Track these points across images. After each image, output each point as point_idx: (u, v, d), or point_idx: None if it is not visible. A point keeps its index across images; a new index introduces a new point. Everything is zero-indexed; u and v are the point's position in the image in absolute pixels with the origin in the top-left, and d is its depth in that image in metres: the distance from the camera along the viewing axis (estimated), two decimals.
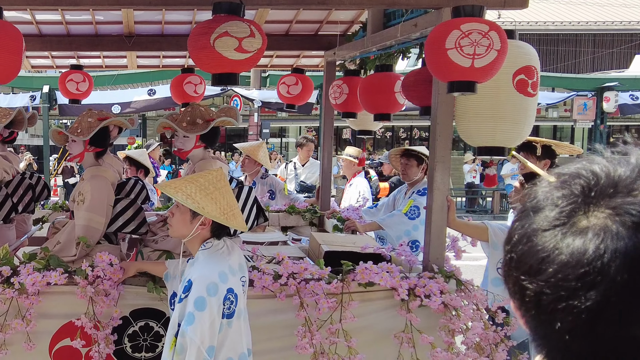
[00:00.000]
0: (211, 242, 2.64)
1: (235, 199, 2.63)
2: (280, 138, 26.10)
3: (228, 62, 2.85)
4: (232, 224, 2.54)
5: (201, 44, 2.85)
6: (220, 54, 2.81)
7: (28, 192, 4.39)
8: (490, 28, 2.68)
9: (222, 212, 2.50)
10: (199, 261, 2.62)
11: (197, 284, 2.49)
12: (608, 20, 25.45)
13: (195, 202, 2.49)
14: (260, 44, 2.90)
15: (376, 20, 4.26)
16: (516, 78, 3.02)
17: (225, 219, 2.51)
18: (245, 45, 2.83)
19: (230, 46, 2.81)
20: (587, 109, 16.61)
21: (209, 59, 2.85)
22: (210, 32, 2.82)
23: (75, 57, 5.84)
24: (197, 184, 2.55)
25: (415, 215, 4.72)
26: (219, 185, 2.57)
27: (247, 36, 2.83)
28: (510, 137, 3.09)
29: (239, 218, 2.59)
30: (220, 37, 2.80)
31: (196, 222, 2.58)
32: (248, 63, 2.89)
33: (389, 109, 4.17)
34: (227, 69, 2.91)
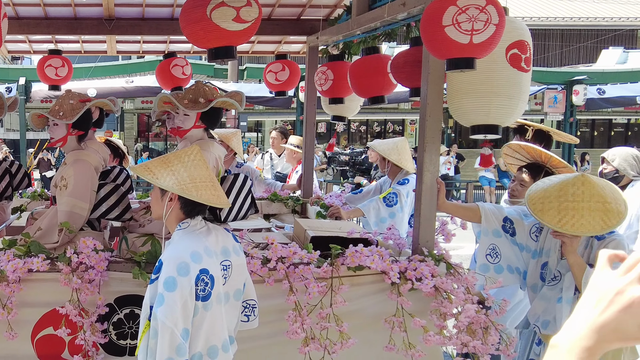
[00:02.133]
0: (187, 222, 2.55)
1: (207, 174, 2.53)
2: (256, 132, 25.96)
3: (226, 34, 2.77)
4: (192, 195, 2.43)
5: (196, 17, 2.75)
6: (217, 26, 2.73)
7: (4, 177, 4.26)
8: (487, 2, 2.63)
9: (178, 183, 2.43)
10: (173, 241, 2.54)
11: (167, 263, 2.39)
12: (575, 16, 25.82)
13: (151, 174, 2.46)
14: (257, 13, 2.83)
15: (361, 2, 4.20)
16: (509, 52, 2.98)
17: (180, 190, 2.42)
18: (243, 15, 2.75)
19: (229, 16, 2.73)
20: (558, 102, 16.80)
21: (205, 32, 2.76)
22: (206, 3, 2.72)
23: (53, 41, 5.70)
24: (163, 160, 2.53)
25: (393, 203, 4.71)
26: (185, 159, 2.51)
27: (244, 5, 2.75)
28: (505, 113, 3.04)
29: (204, 191, 2.47)
30: (217, 8, 2.72)
31: (165, 198, 2.53)
32: (246, 34, 2.81)
33: (382, 91, 4.12)
34: (225, 42, 2.82)
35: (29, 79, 14.06)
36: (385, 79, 4.08)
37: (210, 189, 2.50)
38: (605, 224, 3.02)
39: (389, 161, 4.93)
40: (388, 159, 4.91)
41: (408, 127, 24.58)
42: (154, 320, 2.35)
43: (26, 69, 14.83)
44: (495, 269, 3.47)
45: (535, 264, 3.43)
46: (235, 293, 2.66)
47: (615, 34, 25.57)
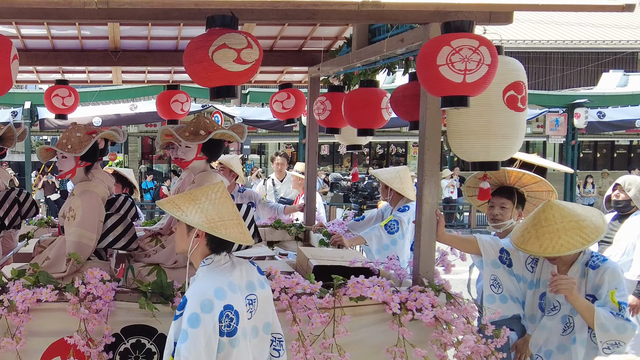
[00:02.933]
0: (212, 258, 2.58)
1: (233, 212, 2.57)
2: (259, 155, 26.11)
3: (227, 75, 2.85)
4: (221, 233, 2.47)
5: (199, 58, 2.84)
6: (219, 67, 2.81)
7: (14, 207, 4.34)
8: (480, 43, 2.72)
9: (207, 221, 2.46)
10: (197, 277, 2.58)
11: (191, 300, 2.43)
12: (576, 39, 26.02)
13: (180, 211, 2.48)
14: (257, 55, 2.92)
15: (361, 35, 4.30)
16: (506, 94, 3.07)
17: (210, 228, 2.45)
18: (244, 57, 2.84)
19: (230, 58, 2.81)
20: (559, 125, 16.91)
21: (208, 72, 2.85)
22: (208, 45, 2.81)
23: (60, 71, 5.81)
24: (190, 195, 2.56)
25: (394, 230, 4.79)
26: (212, 196, 2.54)
27: (245, 47, 2.84)
28: (503, 151, 3.14)
29: (232, 229, 2.51)
30: (218, 50, 2.80)
31: (192, 234, 2.55)
32: (247, 74, 2.90)
33: (373, 124, 4.19)
34: (226, 82, 2.91)
35: (34, 103, 14.21)
36: (377, 112, 4.15)
37: (237, 227, 2.54)
38: (585, 240, 3.19)
39: (391, 189, 5.02)
40: (390, 187, 5.00)
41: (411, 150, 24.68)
42: (177, 356, 2.40)
43: (31, 93, 15.00)
44: (501, 299, 3.58)
45: (532, 294, 3.50)
46: (264, 326, 2.68)
47: (615, 57, 25.75)
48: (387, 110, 4.13)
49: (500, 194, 3.94)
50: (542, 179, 3.89)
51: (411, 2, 2.83)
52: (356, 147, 5.05)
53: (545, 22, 25.97)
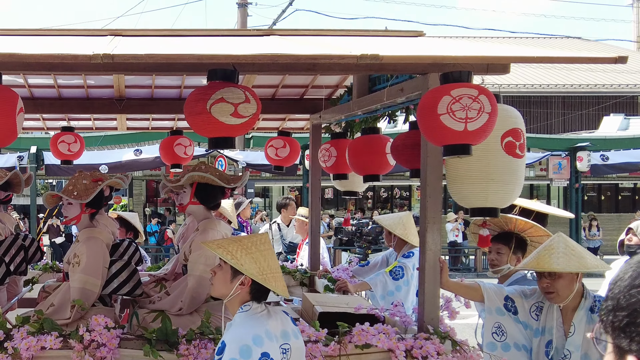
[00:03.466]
0: (250, 305, 2.62)
1: (278, 264, 2.65)
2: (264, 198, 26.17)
3: (224, 127, 2.92)
4: (271, 285, 2.55)
5: (198, 110, 2.92)
6: (217, 119, 2.89)
7: (20, 253, 4.38)
8: (479, 92, 2.78)
9: (260, 272, 2.53)
10: (235, 323, 2.61)
11: (230, 346, 2.48)
12: (576, 83, 26.27)
13: (235, 259, 2.53)
14: (255, 109, 2.98)
15: (362, 84, 4.38)
16: (504, 140, 3.12)
17: (263, 279, 2.52)
18: (240, 111, 2.91)
19: (227, 112, 2.89)
20: (562, 168, 16.98)
21: (206, 123, 2.92)
22: (207, 98, 2.89)
23: (66, 119, 5.90)
24: (240, 243, 2.61)
25: (399, 276, 4.79)
26: (261, 247, 2.61)
27: (242, 102, 2.91)
28: (502, 198, 3.17)
29: (280, 282, 2.60)
30: (216, 103, 2.88)
31: (236, 281, 2.60)
32: (244, 127, 2.97)
33: (379, 170, 4.25)
34: (224, 133, 2.98)
35: (40, 147, 14.35)
36: (382, 158, 4.21)
37: (281, 280, 2.63)
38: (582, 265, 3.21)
39: (394, 235, 5.04)
40: (394, 233, 5.02)
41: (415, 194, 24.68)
42: None
43: (37, 138, 15.16)
44: (503, 347, 3.54)
45: (538, 342, 3.48)
46: None
47: (615, 101, 25.95)
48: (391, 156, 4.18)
49: (497, 239, 3.99)
50: (534, 224, 3.93)
51: (408, 55, 2.89)
52: (353, 194, 5.09)
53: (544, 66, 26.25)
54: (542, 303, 3.46)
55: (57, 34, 4.05)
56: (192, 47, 3.23)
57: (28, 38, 3.78)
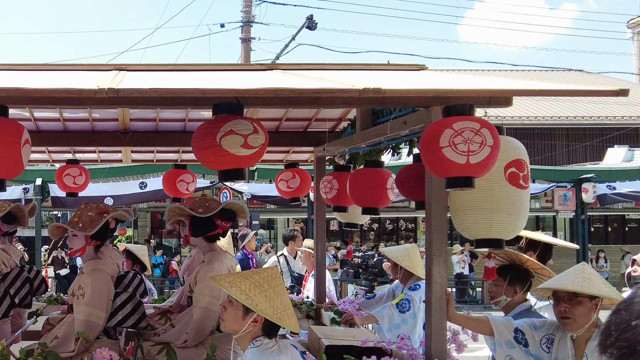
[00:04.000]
0: (261, 340, 2.60)
1: (289, 300, 2.64)
2: (269, 230, 26.15)
3: (235, 159, 2.94)
4: (285, 324, 2.53)
5: (207, 144, 2.94)
6: (227, 151, 2.91)
7: (25, 285, 4.40)
8: (481, 125, 2.79)
9: (275, 311, 2.51)
10: (246, 359, 2.59)
11: None
12: (579, 115, 26.34)
13: (249, 299, 2.49)
14: (264, 140, 3.01)
15: (365, 117, 4.40)
16: (507, 171, 3.11)
17: (278, 319, 2.50)
18: (250, 142, 2.93)
19: (237, 143, 2.91)
20: (568, 200, 16.93)
21: (216, 156, 2.94)
22: (216, 131, 2.92)
23: (71, 151, 5.94)
24: (252, 280, 2.57)
25: (405, 309, 4.75)
26: (273, 283, 2.59)
27: (251, 133, 2.94)
28: (506, 229, 3.15)
29: (292, 319, 2.58)
30: (226, 136, 2.91)
31: (249, 318, 2.58)
32: (254, 158, 3.00)
33: (377, 203, 4.24)
34: (234, 165, 3.00)
35: (45, 179, 14.42)
36: (382, 192, 4.21)
37: (293, 316, 2.61)
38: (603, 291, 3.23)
39: (401, 267, 5.00)
40: (400, 266, 4.99)
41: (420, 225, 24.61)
42: None
43: (43, 170, 15.24)
44: None
45: None
46: None
47: (618, 132, 25.97)
48: (392, 191, 4.19)
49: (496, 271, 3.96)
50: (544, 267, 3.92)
51: (411, 89, 2.91)
52: (353, 226, 5.09)
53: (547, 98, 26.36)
54: (552, 335, 3.41)
55: (62, 68, 4.10)
56: (196, 81, 3.26)
57: (33, 73, 3.84)
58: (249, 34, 20.68)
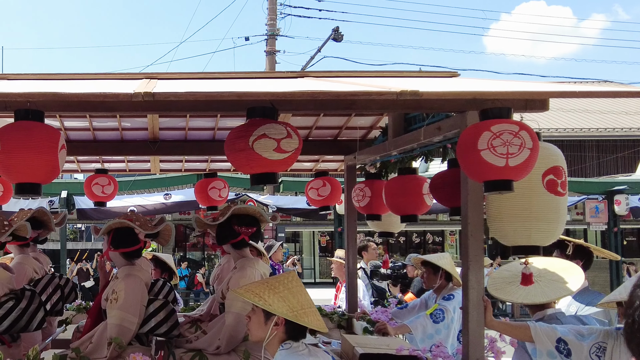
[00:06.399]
0: (290, 343, 2.60)
1: (310, 300, 2.63)
2: (294, 242, 26.16)
3: (267, 163, 2.93)
4: (304, 321, 2.52)
5: (239, 147, 2.93)
6: (259, 155, 2.90)
7: (56, 292, 4.41)
8: (520, 128, 2.74)
9: (291, 310, 2.51)
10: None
11: None
12: (609, 127, 26.01)
13: (262, 300, 2.52)
14: (297, 144, 2.99)
15: (397, 124, 4.36)
16: (546, 178, 3.07)
17: (294, 317, 2.50)
18: (283, 146, 2.92)
19: (269, 147, 2.90)
20: (599, 212, 16.64)
21: (248, 160, 2.93)
22: (249, 135, 2.91)
23: (100, 161, 5.98)
24: (267, 285, 2.61)
25: (439, 319, 4.67)
26: (289, 285, 2.60)
27: (284, 137, 2.92)
28: (544, 236, 3.11)
29: (313, 317, 2.57)
30: (259, 139, 2.90)
31: (270, 322, 2.59)
32: (286, 162, 2.98)
33: (416, 210, 4.20)
34: (267, 169, 2.99)
35: (70, 192, 14.54)
36: (419, 199, 4.18)
37: (315, 314, 2.60)
38: None
39: (440, 275, 4.91)
40: (442, 270, 4.89)
41: (448, 238, 24.45)
42: None
43: (68, 182, 15.40)
44: None
45: None
46: None
47: None
48: (428, 196, 4.14)
49: None
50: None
51: (449, 91, 2.86)
52: (389, 235, 5.02)
53: (577, 110, 26.11)
54: (604, 343, 3.29)
55: (93, 77, 4.12)
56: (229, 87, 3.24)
57: (65, 82, 3.86)
58: (274, 46, 20.77)
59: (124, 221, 3.85)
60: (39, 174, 3.01)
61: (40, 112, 3.05)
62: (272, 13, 20.80)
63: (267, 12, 20.90)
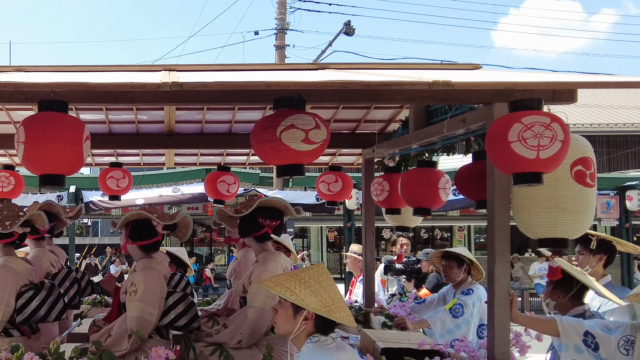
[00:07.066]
0: (318, 336, 2.52)
1: (339, 294, 2.54)
2: (302, 238, 26.12)
3: (295, 154, 2.89)
4: (336, 317, 2.43)
5: (266, 137, 2.89)
6: (287, 146, 2.86)
7: (74, 286, 4.40)
8: (551, 120, 2.70)
9: (323, 305, 2.42)
10: (304, 353, 2.51)
11: None
12: (620, 122, 25.85)
13: (294, 295, 2.43)
14: (325, 135, 2.95)
15: (419, 117, 4.31)
16: (574, 169, 3.02)
17: (327, 312, 2.41)
18: (311, 137, 2.88)
19: (297, 138, 2.86)
20: (611, 208, 16.52)
21: (275, 151, 2.89)
22: (276, 125, 2.86)
23: (114, 154, 5.96)
24: (297, 278, 2.51)
25: (459, 314, 4.63)
26: (320, 279, 2.51)
27: (313, 128, 2.88)
28: (572, 228, 3.05)
29: (344, 312, 2.49)
30: (286, 130, 2.86)
31: (299, 317, 2.50)
32: (314, 154, 2.93)
33: (430, 204, 4.16)
34: (294, 160, 2.95)
35: (79, 187, 14.52)
36: (434, 192, 4.13)
37: (345, 309, 2.51)
38: None
39: (465, 269, 4.85)
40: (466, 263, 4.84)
41: (456, 234, 24.36)
42: None
43: (77, 177, 15.37)
44: None
45: None
46: None
47: None
48: (444, 191, 4.09)
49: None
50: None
51: (481, 82, 2.82)
52: (404, 229, 4.98)
53: (588, 105, 25.95)
54: (632, 336, 3.26)
55: (109, 69, 4.09)
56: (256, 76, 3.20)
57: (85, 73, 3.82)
58: (284, 41, 20.70)
59: (142, 212, 3.81)
60: (64, 165, 2.99)
61: (64, 103, 3.03)
62: (282, 7, 20.73)
63: (276, 6, 20.83)
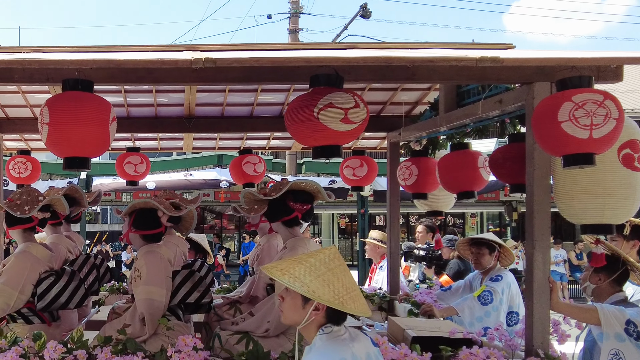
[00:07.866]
0: (330, 326, 2.30)
1: (353, 281, 2.30)
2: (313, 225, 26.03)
3: (333, 134, 2.75)
4: (350, 308, 2.19)
5: (303, 117, 2.75)
6: (325, 126, 2.72)
7: (92, 272, 4.34)
8: (605, 97, 2.57)
9: (336, 296, 2.18)
10: (317, 346, 2.29)
11: None
12: None
13: (304, 286, 2.18)
14: (365, 115, 2.82)
15: (449, 99, 4.18)
16: (622, 152, 2.90)
17: (340, 304, 2.17)
18: (351, 116, 2.74)
19: (336, 117, 2.72)
20: None
21: (313, 131, 2.74)
22: (314, 104, 2.73)
23: (132, 139, 5.85)
24: (306, 264, 2.25)
25: (488, 301, 4.50)
26: (332, 265, 2.26)
27: (352, 107, 2.75)
28: (619, 213, 2.93)
29: (358, 302, 2.25)
30: (325, 109, 2.72)
31: (309, 307, 2.27)
32: (353, 134, 2.80)
33: (473, 186, 4.03)
34: (332, 141, 2.80)
35: (89, 173, 14.45)
36: (476, 173, 4.02)
37: (360, 298, 2.28)
38: None
39: (496, 255, 4.72)
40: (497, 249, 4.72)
41: (469, 220, 24.18)
42: None
43: None
44: None
45: None
46: None
47: None
48: (485, 170, 3.97)
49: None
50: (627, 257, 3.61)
51: (530, 57, 2.68)
52: (437, 213, 4.85)
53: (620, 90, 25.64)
54: None
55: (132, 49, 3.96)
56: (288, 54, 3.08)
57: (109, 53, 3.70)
58: (297, 25, 20.44)
59: (149, 200, 3.72)
60: (90, 147, 2.88)
61: (90, 82, 2.91)
62: None
63: None
